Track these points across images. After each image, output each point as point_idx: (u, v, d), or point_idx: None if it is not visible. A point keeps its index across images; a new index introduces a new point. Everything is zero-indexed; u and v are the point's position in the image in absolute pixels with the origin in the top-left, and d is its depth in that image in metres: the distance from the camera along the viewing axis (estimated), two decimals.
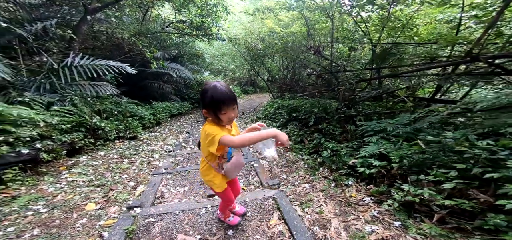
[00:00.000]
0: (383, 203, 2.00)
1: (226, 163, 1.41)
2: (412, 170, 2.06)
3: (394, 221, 1.76)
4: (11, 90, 3.53)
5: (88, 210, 2.02)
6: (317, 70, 5.13)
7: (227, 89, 1.24)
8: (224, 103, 1.20)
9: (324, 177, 2.68)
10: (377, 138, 2.61)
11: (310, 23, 5.67)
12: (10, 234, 1.64)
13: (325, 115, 3.89)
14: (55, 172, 2.88)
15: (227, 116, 1.24)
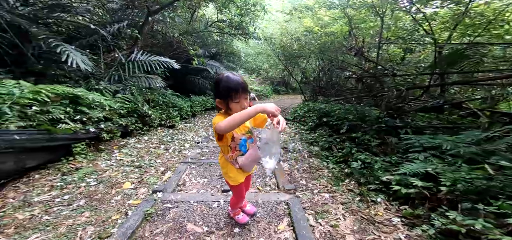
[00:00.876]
0: (415, 227, 1.66)
1: (241, 156, 1.35)
2: (467, 197, 1.64)
3: None
4: (92, 79, 4.33)
5: (124, 189, 2.29)
6: (357, 73, 4.58)
7: (240, 78, 1.24)
8: (237, 91, 1.19)
9: (349, 190, 2.39)
10: (425, 156, 2.16)
11: (354, 22, 5.06)
12: (64, 201, 1.97)
13: (361, 123, 3.43)
14: (109, 150, 3.38)
15: (240, 105, 1.22)
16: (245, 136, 1.35)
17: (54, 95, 2.83)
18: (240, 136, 1.33)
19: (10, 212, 1.73)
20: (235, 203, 1.68)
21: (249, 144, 1.37)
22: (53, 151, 2.58)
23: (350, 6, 4.64)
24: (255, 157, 1.36)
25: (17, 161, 2.15)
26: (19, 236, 1.49)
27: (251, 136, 1.38)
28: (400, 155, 2.45)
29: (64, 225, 1.66)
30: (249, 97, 4.90)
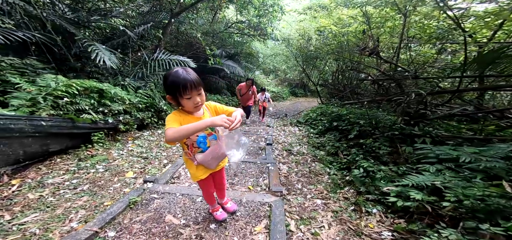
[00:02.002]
0: None
1: (200, 152, 1.29)
2: (475, 215, 1.36)
3: None
4: (119, 76, 4.75)
5: (126, 177, 2.42)
6: (373, 75, 4.15)
7: (191, 73, 1.12)
8: (185, 87, 1.08)
9: (345, 198, 2.17)
10: (438, 168, 1.86)
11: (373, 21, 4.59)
12: (71, 185, 2.14)
13: (372, 129, 3.12)
14: (124, 141, 3.63)
15: (192, 101, 1.14)
16: (204, 133, 1.27)
17: (83, 88, 3.14)
18: (196, 134, 1.25)
19: (24, 192, 1.95)
20: (206, 199, 1.64)
21: (210, 141, 1.29)
22: (75, 138, 2.85)
23: (369, 4, 4.23)
24: (217, 154, 1.28)
25: (42, 145, 2.41)
26: (21, 214, 1.65)
27: (212, 133, 1.29)
28: (410, 166, 2.14)
29: (62, 207, 1.80)
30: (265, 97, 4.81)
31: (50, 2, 4.00)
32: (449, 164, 1.81)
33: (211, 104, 1.36)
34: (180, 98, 1.13)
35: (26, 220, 1.58)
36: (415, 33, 3.48)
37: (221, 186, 1.63)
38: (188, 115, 1.22)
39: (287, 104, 11.33)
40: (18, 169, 2.12)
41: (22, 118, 2.07)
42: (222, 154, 1.29)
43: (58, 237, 1.45)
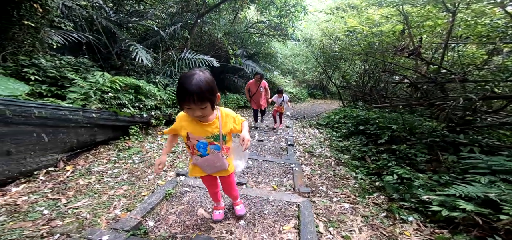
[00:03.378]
0: None
1: (198, 156, 1.27)
2: None
3: None
4: (151, 74, 5.09)
5: None
6: (410, 78, 3.83)
7: (202, 83, 1.00)
8: (183, 100, 1.02)
9: (375, 204, 2.06)
10: (491, 180, 1.67)
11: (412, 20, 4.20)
12: (113, 174, 2.32)
13: (408, 135, 2.89)
14: (154, 135, 3.86)
15: (192, 112, 1.07)
16: (206, 141, 1.23)
17: (124, 85, 3.40)
18: (196, 139, 1.22)
19: (76, 177, 2.17)
20: (210, 196, 1.65)
21: (211, 150, 1.25)
22: (116, 130, 3.09)
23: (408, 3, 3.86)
24: (214, 165, 1.29)
25: (90, 135, 2.65)
26: (74, 198, 1.83)
27: (216, 143, 1.25)
28: (454, 176, 1.94)
29: (107, 194, 1.96)
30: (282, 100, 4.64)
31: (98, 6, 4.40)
32: (505, 176, 1.61)
33: (224, 111, 1.27)
34: (180, 105, 1.07)
35: (78, 205, 1.76)
36: (461, 32, 3.11)
37: (229, 192, 1.60)
38: (196, 121, 1.17)
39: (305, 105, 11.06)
40: (70, 157, 2.37)
41: (78, 110, 2.30)
42: (219, 165, 1.30)
43: (105, 223, 1.58)
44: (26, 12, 2.47)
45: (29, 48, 2.67)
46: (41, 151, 1.98)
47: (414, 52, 2.85)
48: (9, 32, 2.48)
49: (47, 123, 1.96)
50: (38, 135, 1.92)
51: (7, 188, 1.80)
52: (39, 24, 2.62)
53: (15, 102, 1.74)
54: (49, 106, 1.99)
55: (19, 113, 1.72)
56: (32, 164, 1.93)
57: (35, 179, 1.98)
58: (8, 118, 1.66)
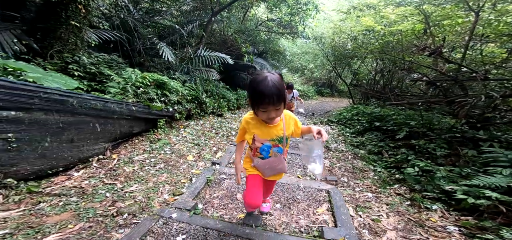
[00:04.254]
0: (476, 238, 1.45)
1: (260, 158, 1.26)
2: None
3: None
4: (171, 70, 5.31)
5: (188, 160, 2.77)
6: (429, 76, 3.89)
7: (277, 84, 1.03)
8: (262, 102, 1.03)
9: (397, 194, 2.21)
10: (511, 172, 1.79)
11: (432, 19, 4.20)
12: (151, 163, 2.52)
13: (427, 131, 3.00)
14: (177, 128, 4.08)
15: (267, 115, 1.08)
16: (270, 143, 1.23)
17: (152, 80, 3.62)
18: (261, 141, 1.22)
19: (122, 165, 2.39)
20: (244, 197, 1.41)
21: (274, 152, 1.24)
22: (147, 123, 3.29)
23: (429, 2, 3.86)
24: (275, 167, 1.27)
25: (129, 126, 2.85)
26: (127, 184, 2.03)
27: (279, 145, 1.24)
28: (475, 169, 2.05)
29: (151, 180, 2.17)
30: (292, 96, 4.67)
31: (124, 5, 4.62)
32: None
33: (287, 113, 1.27)
34: (256, 108, 1.09)
35: (132, 189, 1.97)
36: (483, 31, 3.17)
37: (267, 194, 1.62)
38: (261, 122, 1.19)
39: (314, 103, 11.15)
40: (114, 146, 2.59)
41: (122, 103, 2.51)
42: (280, 168, 1.28)
43: (158, 205, 1.76)
44: (72, 13, 2.69)
45: (72, 46, 2.89)
46: (94, 140, 2.20)
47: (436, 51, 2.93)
48: (57, 31, 2.70)
49: (101, 115, 2.17)
50: (93, 125, 2.14)
51: (70, 173, 2.03)
52: (81, 23, 2.84)
53: (78, 95, 1.95)
54: (101, 99, 2.20)
55: (81, 104, 1.94)
56: (87, 152, 2.16)
57: (90, 165, 2.21)
58: (74, 108, 1.87)
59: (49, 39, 2.77)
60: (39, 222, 1.43)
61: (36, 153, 1.69)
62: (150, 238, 1.32)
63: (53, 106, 1.74)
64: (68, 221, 1.48)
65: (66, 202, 1.66)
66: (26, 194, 1.62)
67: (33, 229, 1.35)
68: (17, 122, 1.55)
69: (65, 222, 1.46)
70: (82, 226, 1.46)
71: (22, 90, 1.55)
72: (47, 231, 1.36)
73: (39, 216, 1.48)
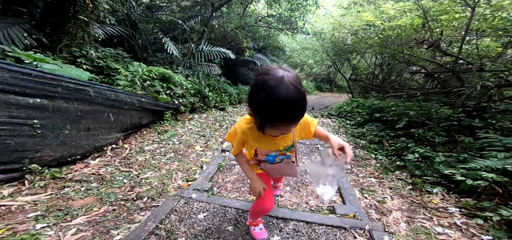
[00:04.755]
0: (476, 217, 1.57)
1: (267, 163, 1.09)
2: None
3: (483, 235, 1.38)
4: (174, 65, 5.34)
5: (196, 150, 2.85)
6: (427, 68, 4.03)
7: (299, 88, 0.69)
8: (280, 119, 0.71)
9: (399, 179, 2.33)
10: (506, 156, 1.91)
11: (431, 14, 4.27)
12: (161, 153, 2.61)
13: (425, 120, 3.11)
14: (183, 121, 4.15)
15: (280, 132, 0.81)
16: (276, 152, 1.03)
17: (158, 74, 3.67)
18: (266, 153, 1.03)
19: (134, 154, 2.46)
20: (255, 210, 1.20)
21: (280, 159, 1.06)
22: (155, 114, 3.35)
23: None
24: (285, 172, 1.14)
25: (139, 118, 2.91)
26: (142, 171, 2.11)
27: (286, 154, 1.05)
28: (472, 154, 2.17)
29: (164, 168, 2.25)
30: None
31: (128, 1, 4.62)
32: None
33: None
34: (269, 125, 0.75)
35: (147, 176, 2.05)
36: (478, 26, 3.30)
37: (278, 182, 1.61)
38: (264, 135, 0.88)
39: (313, 98, 11.25)
40: (125, 136, 2.66)
41: (133, 94, 2.57)
42: (290, 173, 1.14)
43: (173, 191, 1.86)
44: (80, 8, 2.72)
45: (80, 40, 2.93)
46: (108, 129, 2.27)
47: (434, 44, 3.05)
48: (66, 26, 2.73)
49: (114, 105, 2.23)
50: (107, 115, 2.20)
51: (87, 161, 2.10)
52: (89, 18, 2.87)
53: (94, 84, 2.01)
54: (114, 90, 2.26)
55: (97, 94, 2.00)
56: (102, 141, 2.22)
57: (105, 154, 2.27)
58: (91, 98, 1.93)
59: (58, 33, 2.80)
60: (66, 205, 1.51)
61: (58, 140, 1.75)
62: (174, 216, 1.41)
63: (73, 95, 1.80)
64: (93, 205, 1.56)
65: (88, 187, 1.74)
66: (50, 180, 1.69)
67: (62, 212, 1.43)
68: (41, 109, 1.61)
69: (90, 206, 1.54)
70: (106, 209, 1.54)
71: (47, 78, 1.60)
72: (74, 213, 1.44)
73: (66, 200, 1.55)
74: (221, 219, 1.41)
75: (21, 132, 1.51)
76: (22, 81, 1.49)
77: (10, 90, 1.42)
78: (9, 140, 1.46)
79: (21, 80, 1.47)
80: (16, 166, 1.53)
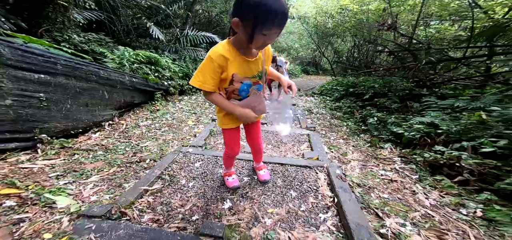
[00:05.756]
0: (410, 163, 2.05)
1: (237, 100, 1.08)
2: (464, 137, 1.93)
3: (412, 175, 1.84)
4: (159, 49, 5.33)
5: (188, 124, 3.10)
6: (389, 47, 4.51)
7: (285, 2, 0.81)
8: (271, 21, 0.79)
9: (361, 139, 2.79)
10: (437, 114, 2.40)
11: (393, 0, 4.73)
12: (156, 127, 2.82)
13: (387, 91, 3.61)
14: (173, 101, 4.32)
15: (264, 39, 0.86)
16: (250, 81, 1.04)
17: (145, 57, 3.75)
18: (241, 80, 1.01)
19: (131, 129, 2.65)
20: (226, 156, 1.36)
21: (253, 90, 1.08)
22: (146, 94, 3.51)
23: None
24: (255, 107, 1.08)
25: (131, 97, 3.06)
26: (141, 141, 2.35)
27: (259, 82, 1.08)
28: (416, 115, 2.69)
29: (161, 139, 2.49)
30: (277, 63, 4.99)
31: None
32: (448, 111, 2.36)
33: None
34: (257, 30, 0.82)
35: (146, 144, 2.29)
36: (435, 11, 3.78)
37: (257, 146, 1.43)
38: (240, 57, 0.95)
39: (299, 80, 11.65)
40: (120, 114, 2.83)
41: (125, 74, 2.71)
42: (260, 108, 1.10)
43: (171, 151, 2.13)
44: None
45: (61, 25, 2.93)
46: (104, 106, 2.44)
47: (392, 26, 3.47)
48: (44, 11, 2.72)
49: (107, 83, 2.39)
50: (102, 92, 2.36)
51: (88, 134, 2.28)
52: (67, 3, 2.87)
53: (89, 63, 2.15)
54: (107, 69, 2.40)
55: (92, 72, 2.15)
56: (99, 117, 2.39)
57: (103, 128, 2.46)
58: (87, 76, 2.09)
59: (36, 18, 2.78)
60: (80, 167, 1.73)
61: (61, 113, 1.92)
62: (175, 165, 1.71)
63: (71, 73, 1.94)
64: (103, 167, 1.79)
65: (95, 155, 1.96)
66: (60, 149, 1.89)
67: (77, 172, 1.66)
68: (45, 84, 1.76)
69: (101, 168, 1.77)
70: (115, 170, 1.78)
71: (48, 56, 1.74)
72: (88, 173, 1.68)
73: (78, 164, 1.77)
74: (214, 165, 1.73)
75: (31, 104, 1.68)
76: (28, 58, 1.62)
77: (18, 66, 1.57)
78: (20, 110, 1.62)
79: (27, 57, 1.61)
80: (28, 135, 1.70)
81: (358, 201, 1.35)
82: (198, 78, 0.96)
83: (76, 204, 1.25)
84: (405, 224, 1.20)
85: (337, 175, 1.54)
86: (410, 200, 1.46)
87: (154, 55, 4.01)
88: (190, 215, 1.21)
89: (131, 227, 0.98)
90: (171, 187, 1.45)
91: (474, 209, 1.32)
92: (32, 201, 1.20)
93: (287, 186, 1.51)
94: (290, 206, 1.32)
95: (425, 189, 1.60)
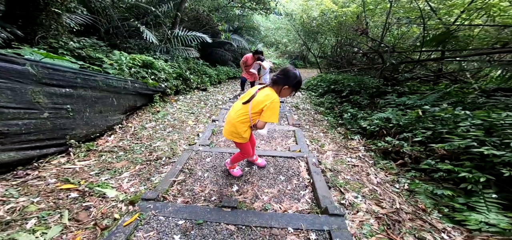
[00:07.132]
0: (370, 151, 2.64)
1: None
2: (407, 129, 2.53)
3: (369, 160, 2.43)
4: (151, 51, 5.46)
5: (189, 124, 3.47)
6: (362, 50, 5.09)
7: None
8: (299, 88, 1.59)
9: (338, 133, 3.36)
10: (393, 109, 3.02)
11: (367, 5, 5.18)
12: (161, 128, 3.15)
13: (360, 89, 4.21)
14: (170, 102, 4.61)
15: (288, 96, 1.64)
16: None
17: (141, 61, 3.98)
18: None
19: (139, 131, 2.97)
20: (241, 158, 1.93)
21: None
22: (146, 98, 3.77)
23: None
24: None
25: (134, 101, 3.32)
26: (152, 141, 2.70)
27: None
28: (379, 110, 3.30)
29: (168, 139, 2.86)
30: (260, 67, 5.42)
31: None
32: (401, 107, 2.98)
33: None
34: (294, 91, 1.58)
35: (158, 144, 2.65)
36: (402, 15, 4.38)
37: (253, 143, 2.03)
38: None
39: None
40: (126, 117, 3.12)
41: (128, 80, 2.98)
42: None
43: (181, 152, 2.51)
44: (50, 0, 2.85)
45: (55, 32, 3.06)
46: (113, 111, 2.74)
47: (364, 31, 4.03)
48: (38, 18, 2.82)
49: (115, 90, 2.68)
50: (111, 99, 2.65)
51: (104, 138, 2.59)
52: (60, 9, 3.00)
53: (100, 74, 2.43)
54: (114, 78, 2.69)
55: (104, 82, 2.44)
56: (110, 121, 2.70)
57: (115, 132, 2.77)
58: (99, 86, 2.38)
59: (31, 25, 2.86)
60: (111, 166, 2.08)
61: (83, 121, 2.23)
62: (191, 161, 2.13)
63: (87, 84, 2.23)
64: (128, 166, 2.15)
65: (118, 155, 2.30)
66: (87, 152, 2.21)
67: (110, 170, 2.01)
68: (70, 97, 2.05)
69: (127, 166, 2.14)
70: (140, 167, 2.15)
71: (70, 72, 2.03)
72: (119, 171, 2.03)
73: (108, 163, 2.12)
74: (221, 160, 2.18)
75: (61, 115, 1.98)
76: (56, 75, 1.91)
77: (50, 83, 1.85)
78: (55, 120, 1.92)
79: (55, 74, 1.90)
80: (61, 141, 2.01)
81: (327, 182, 1.89)
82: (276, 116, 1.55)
83: (122, 194, 1.64)
84: (357, 196, 1.76)
85: (313, 163, 2.07)
86: (364, 179, 2.03)
87: (149, 58, 4.24)
88: (209, 197, 1.66)
89: (175, 206, 1.42)
90: (191, 178, 1.89)
91: (404, 184, 1.91)
92: (89, 193, 1.58)
93: (277, 172, 2.01)
94: (280, 187, 1.82)
95: (376, 171, 2.19)
